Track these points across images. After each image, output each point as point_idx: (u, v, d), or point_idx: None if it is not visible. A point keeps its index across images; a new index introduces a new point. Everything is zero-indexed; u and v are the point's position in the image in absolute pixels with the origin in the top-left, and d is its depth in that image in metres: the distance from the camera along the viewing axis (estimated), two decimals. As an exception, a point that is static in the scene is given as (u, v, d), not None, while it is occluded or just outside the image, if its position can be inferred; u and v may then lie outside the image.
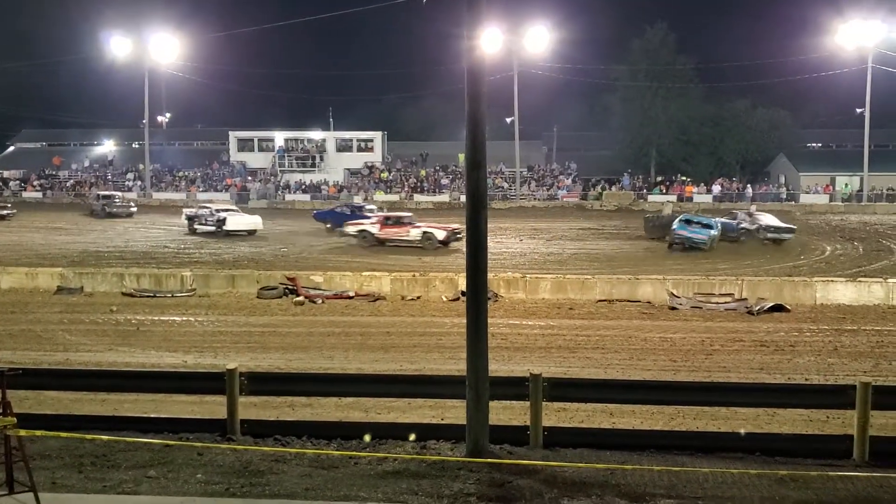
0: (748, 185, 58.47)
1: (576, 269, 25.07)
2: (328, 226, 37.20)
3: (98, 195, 48.84)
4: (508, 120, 57.86)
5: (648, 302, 21.04)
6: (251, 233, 36.64)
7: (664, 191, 57.57)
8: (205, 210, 38.67)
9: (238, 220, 37.28)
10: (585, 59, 69.96)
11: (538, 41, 54.44)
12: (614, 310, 20.42)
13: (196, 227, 37.60)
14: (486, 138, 8.74)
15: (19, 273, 24.54)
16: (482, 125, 8.70)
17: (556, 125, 69.25)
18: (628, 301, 21.18)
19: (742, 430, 9.89)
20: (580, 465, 8.30)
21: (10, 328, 18.62)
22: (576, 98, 67.37)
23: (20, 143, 74.90)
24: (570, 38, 56.37)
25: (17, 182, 61.50)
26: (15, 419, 7.10)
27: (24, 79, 67.41)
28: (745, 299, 20.61)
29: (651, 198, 55.61)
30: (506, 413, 10.05)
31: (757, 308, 19.81)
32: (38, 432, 7.71)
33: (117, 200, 47.69)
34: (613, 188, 58.24)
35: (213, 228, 36.44)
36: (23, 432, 7.18)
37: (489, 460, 8.37)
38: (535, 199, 56.92)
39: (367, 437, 9.22)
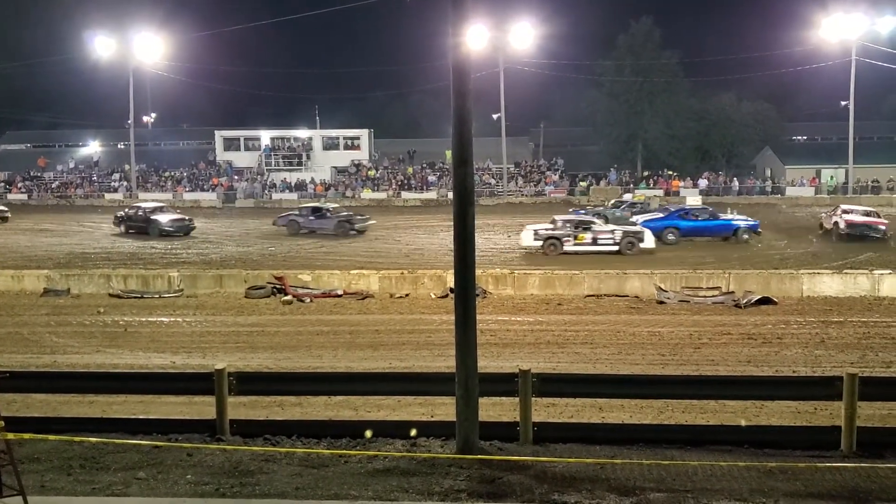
0: (734, 179, 58.72)
1: (564, 265, 25.11)
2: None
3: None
4: (495, 116, 57.83)
5: (636, 296, 21.13)
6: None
7: (651, 185, 57.75)
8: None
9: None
10: (571, 55, 70.17)
11: (524, 37, 54.44)
12: (602, 305, 20.50)
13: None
14: (473, 135, 8.72)
15: (5, 276, 24.38)
16: (469, 122, 8.69)
17: (543, 121, 69.29)
18: (616, 296, 21.27)
19: (742, 422, 9.93)
20: (570, 459, 8.33)
21: (-4, 331, 18.49)
22: (562, 94, 67.42)
23: (4, 145, 74.23)
24: (555, 34, 56.46)
25: (2, 184, 60.97)
26: (2, 422, 7.04)
27: (8, 80, 66.78)
28: (733, 292, 20.74)
29: (638, 192, 55.75)
30: (495, 409, 10.07)
31: (744, 301, 19.93)
32: (27, 435, 7.65)
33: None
34: (601, 183, 58.38)
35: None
36: (11, 435, 7.12)
37: (479, 457, 8.37)
38: (522, 195, 56.94)
39: (368, 433, 9.21)
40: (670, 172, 60.44)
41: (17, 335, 18.14)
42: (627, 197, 46.38)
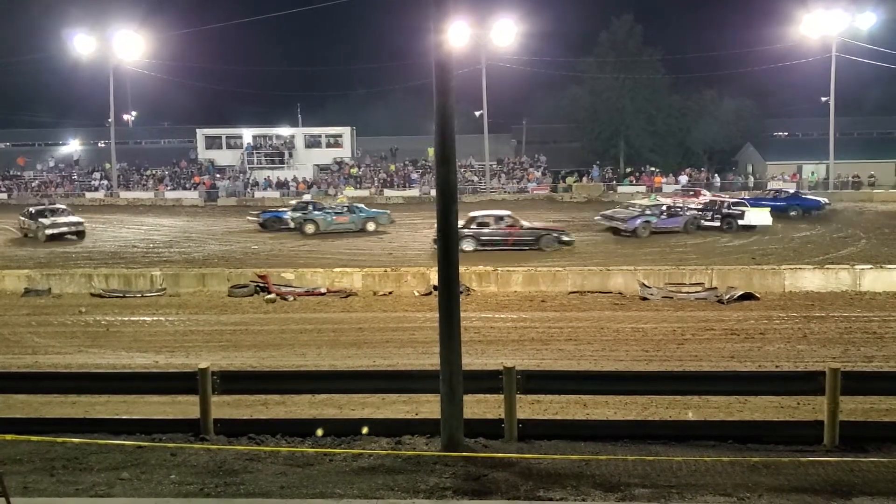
0: (715, 175, 59.11)
1: (547, 262, 25.18)
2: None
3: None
4: (477, 113, 57.87)
5: (620, 293, 21.21)
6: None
7: (634, 182, 58.04)
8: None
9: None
10: (553, 52, 70.36)
11: (505, 34, 54.53)
12: (586, 301, 20.56)
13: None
14: (456, 132, 8.72)
15: (-16, 276, 24.09)
16: (451, 119, 8.67)
17: (525, 118, 69.45)
18: (600, 292, 21.34)
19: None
20: (555, 456, 8.34)
21: (-25, 332, 18.28)
22: (544, 91, 67.65)
23: (-18, 144, 73.51)
24: (537, 31, 56.66)
25: (-20, 183, 60.32)
26: (-18, 424, 6.98)
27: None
28: (715, 288, 20.87)
29: (621, 189, 56.05)
30: (480, 406, 10.07)
31: (727, 297, 20.06)
32: (9, 436, 7.58)
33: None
34: (584, 180, 58.61)
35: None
36: (-9, 437, 7.06)
37: (464, 454, 8.37)
38: (505, 192, 57.04)
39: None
40: (653, 169, 60.78)
41: (-3, 336, 17.94)
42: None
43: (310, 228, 34.45)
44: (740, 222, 32.89)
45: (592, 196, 52.52)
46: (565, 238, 28.90)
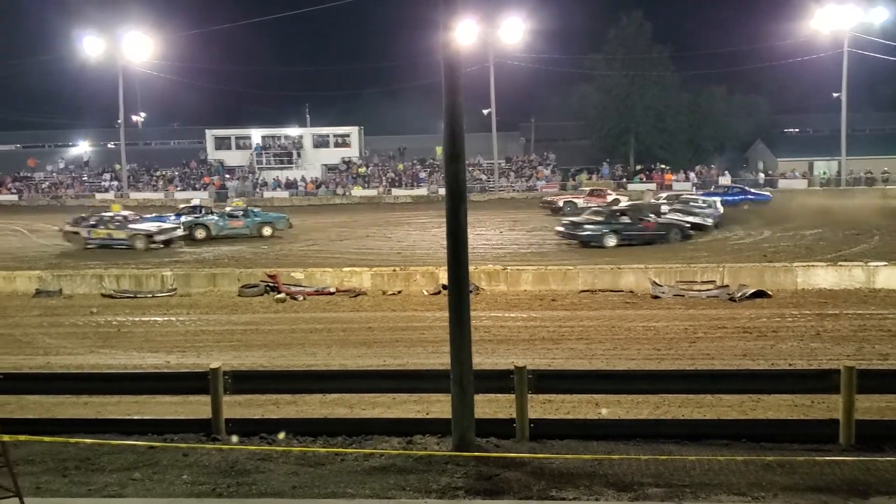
0: (726, 172, 58.84)
1: (557, 260, 25.10)
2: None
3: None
4: (485, 111, 57.79)
5: (631, 291, 21.11)
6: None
7: (644, 179, 57.83)
8: None
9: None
10: (562, 50, 70.10)
11: (513, 32, 54.44)
12: (597, 300, 20.47)
13: None
14: (464, 130, 8.69)
15: (-5, 277, 24.21)
16: (460, 118, 8.64)
17: (534, 116, 69.30)
18: (611, 291, 21.24)
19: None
20: (567, 456, 8.31)
21: (-12, 333, 18.37)
22: (553, 88, 67.40)
23: (-6, 146, 73.93)
24: (545, 29, 56.45)
25: (-8, 184, 60.69)
26: (-3, 425, 7.00)
27: (-5, 79, 66.39)
28: (727, 286, 20.74)
29: (631, 186, 55.86)
30: (491, 406, 10.03)
31: (739, 294, 19.94)
32: (22, 437, 7.60)
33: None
34: (593, 177, 58.43)
35: None
36: (6, 437, 7.08)
37: (476, 454, 8.35)
38: (514, 190, 56.98)
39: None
40: (663, 166, 60.56)
41: (9, 336, 18.01)
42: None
43: (200, 233, 32.95)
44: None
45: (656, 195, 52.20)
46: (688, 231, 29.38)
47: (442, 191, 49.53)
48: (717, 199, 36.73)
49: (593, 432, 9.16)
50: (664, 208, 32.95)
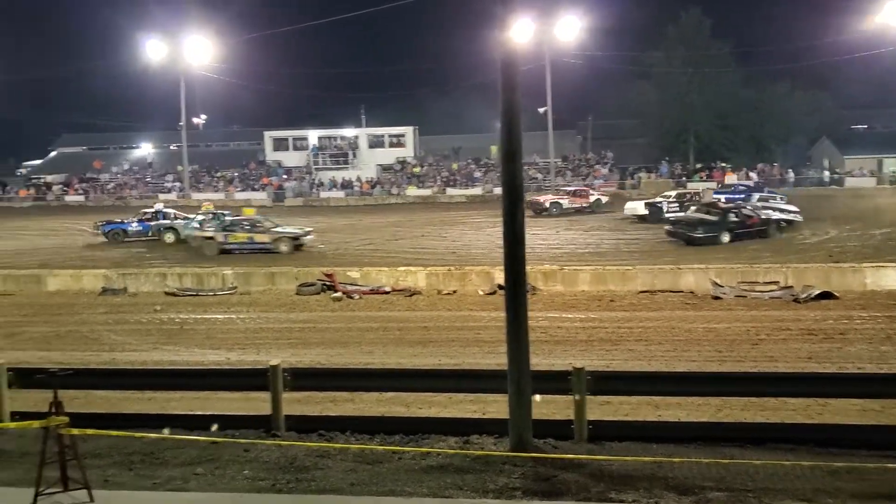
0: (789, 170, 57.29)
1: (615, 260, 24.79)
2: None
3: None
4: (541, 110, 57.35)
5: (691, 292, 20.75)
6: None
7: (704, 178, 56.66)
8: None
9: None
10: (619, 47, 69.33)
11: (570, 29, 53.93)
12: (656, 301, 20.18)
13: None
14: (521, 129, 8.63)
15: (65, 275, 25.06)
16: (517, 116, 8.59)
17: (591, 114, 68.59)
18: (671, 291, 20.93)
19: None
20: (627, 458, 8.19)
21: (58, 329, 19.01)
22: (610, 86, 66.58)
23: (61, 148, 76.52)
24: (602, 26, 55.92)
25: (60, 186, 62.67)
26: (67, 418, 7.21)
27: (64, 84, 68.78)
28: (791, 287, 20.21)
29: (691, 185, 54.78)
30: (548, 407, 9.93)
31: (803, 296, 19.42)
32: (90, 431, 7.81)
33: None
34: (652, 176, 57.48)
35: None
36: (75, 431, 7.29)
37: (534, 454, 8.29)
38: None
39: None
40: (723, 164, 59.26)
41: (77, 333, 18.61)
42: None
43: (169, 238, 32.72)
44: None
45: (661, 193, 51.47)
46: (784, 225, 29.96)
47: (497, 190, 49.44)
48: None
49: (652, 434, 9.02)
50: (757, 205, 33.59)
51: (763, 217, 29.87)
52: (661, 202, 36.67)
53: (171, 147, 70.60)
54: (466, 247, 29.69)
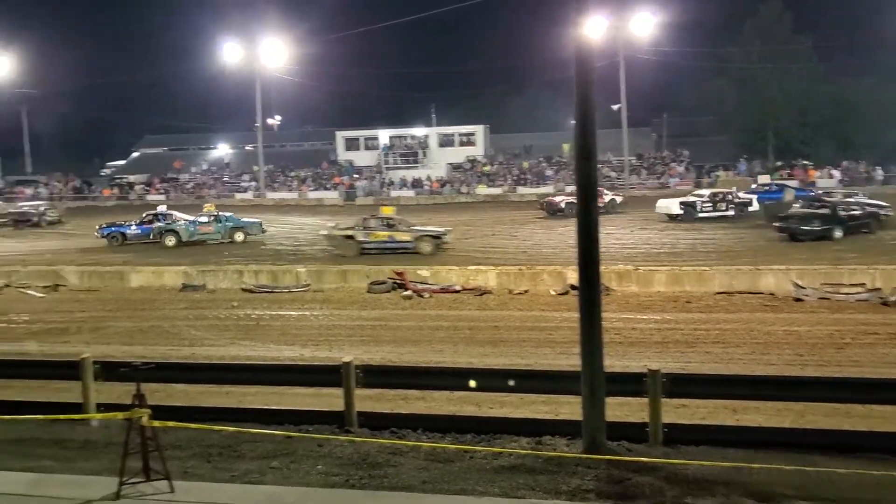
0: (877, 168, 54.93)
1: (692, 261, 24.22)
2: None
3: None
4: (615, 107, 56.53)
5: (771, 294, 20.13)
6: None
7: (785, 176, 54.86)
8: None
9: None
10: (695, 42, 67.54)
11: (644, 25, 53.00)
12: (734, 302, 19.66)
13: None
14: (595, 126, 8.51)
15: (147, 272, 25.93)
16: (592, 113, 8.48)
17: (666, 111, 67.24)
18: (749, 293, 20.35)
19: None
20: (703, 462, 7.99)
21: (140, 324, 19.69)
22: (686, 83, 65.23)
23: (143, 149, 79.43)
24: (677, 21, 54.65)
25: (142, 185, 64.93)
26: (149, 411, 7.44)
27: (146, 88, 71.32)
28: (879, 289, 19.39)
29: (763, 180, 53.05)
30: (622, 409, 9.79)
31: (893, 298, 18.58)
32: (171, 423, 8.04)
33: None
34: (730, 174, 55.93)
35: None
36: (156, 423, 7.51)
37: (607, 457, 8.18)
38: (645, 188, 55.38)
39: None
40: (805, 162, 57.26)
41: (158, 328, 19.23)
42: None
43: (170, 241, 32.41)
44: (749, 208, 35.74)
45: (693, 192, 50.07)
46: (884, 218, 29.71)
47: (569, 189, 48.83)
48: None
49: (730, 439, 8.84)
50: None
51: (866, 212, 29.38)
52: (695, 201, 36.29)
53: (247, 147, 72.35)
54: (537, 246, 29.47)
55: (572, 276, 19.76)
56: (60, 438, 9.26)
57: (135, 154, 79.82)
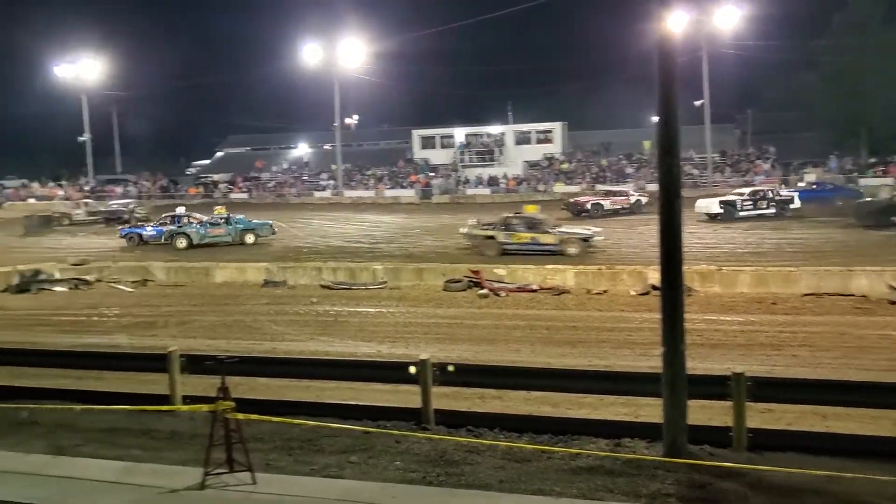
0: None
1: (777, 261, 23.43)
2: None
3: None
4: (697, 103, 55.17)
5: (863, 296, 19.28)
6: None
7: (879, 173, 52.44)
8: None
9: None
10: (781, 35, 65.21)
11: (728, 18, 51.51)
12: (823, 304, 18.91)
13: None
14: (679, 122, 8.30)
15: (230, 268, 26.73)
16: (675, 109, 8.26)
17: (751, 107, 65.20)
18: (839, 295, 19.54)
19: None
20: (791, 469, 7.69)
21: (224, 319, 20.26)
22: (772, 77, 62.95)
23: (227, 149, 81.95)
24: (763, 13, 52.79)
25: (226, 184, 66.86)
26: (233, 403, 7.62)
27: (229, 89, 73.43)
28: (982, 292, 18.34)
29: (863, 181, 50.84)
30: (704, 413, 9.51)
31: None
32: (253, 416, 8.22)
33: None
34: (819, 171, 53.83)
35: None
36: (240, 416, 7.69)
37: (689, 461, 7.96)
38: (729, 185, 53.80)
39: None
40: (902, 159, 54.56)
41: (241, 323, 19.75)
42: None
43: (181, 243, 32.92)
44: (791, 206, 35.60)
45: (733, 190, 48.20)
46: None
47: (649, 187, 48.03)
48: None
49: (820, 446, 8.49)
50: None
51: None
52: (735, 199, 35.59)
53: (326, 147, 73.72)
54: (616, 245, 29.02)
55: (653, 277, 19.37)
56: (148, 429, 9.58)
57: (219, 154, 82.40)
